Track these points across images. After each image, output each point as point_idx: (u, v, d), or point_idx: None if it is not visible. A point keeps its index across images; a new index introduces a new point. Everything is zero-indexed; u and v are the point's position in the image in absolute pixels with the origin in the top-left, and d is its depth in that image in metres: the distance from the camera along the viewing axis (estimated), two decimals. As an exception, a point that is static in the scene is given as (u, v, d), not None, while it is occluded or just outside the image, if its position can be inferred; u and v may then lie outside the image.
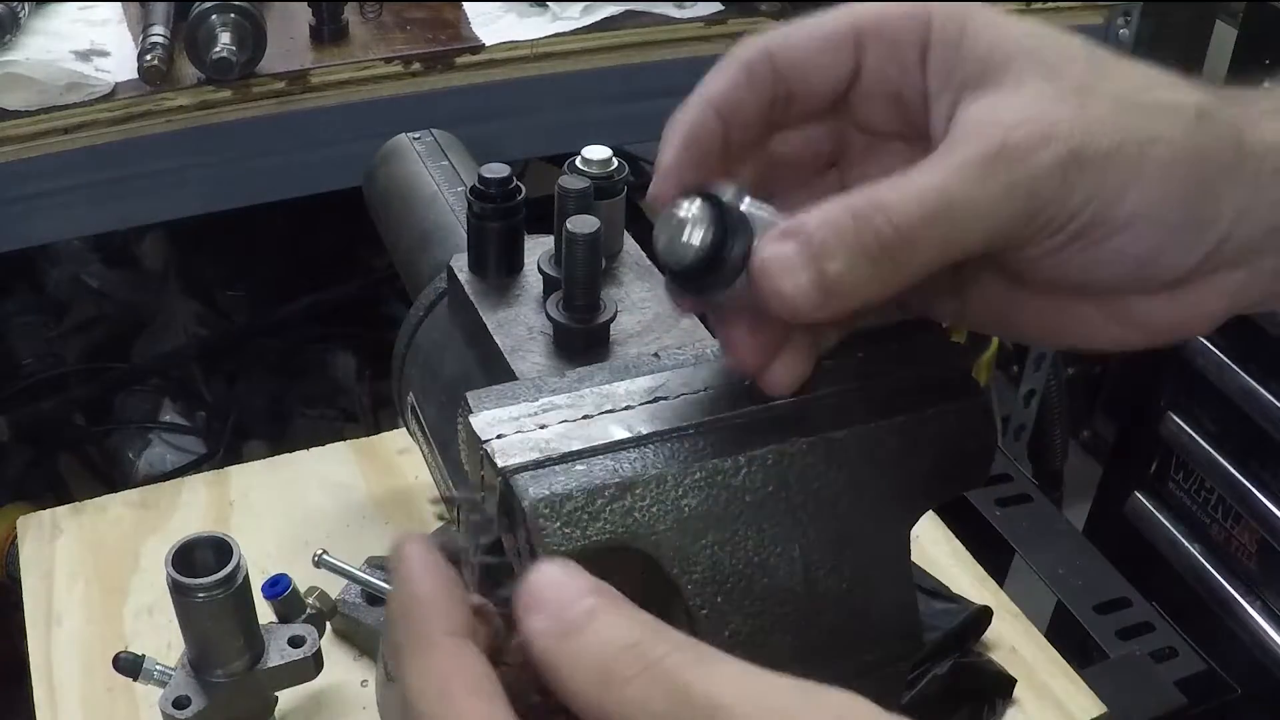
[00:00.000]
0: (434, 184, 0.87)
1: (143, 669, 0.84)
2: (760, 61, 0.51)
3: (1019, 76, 0.47)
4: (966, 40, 0.49)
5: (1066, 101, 0.47)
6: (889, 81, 0.51)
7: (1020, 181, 0.45)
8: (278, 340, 2.10)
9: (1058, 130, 0.46)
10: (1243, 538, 1.61)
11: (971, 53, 0.49)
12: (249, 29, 1.35)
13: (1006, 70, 0.48)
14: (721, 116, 0.51)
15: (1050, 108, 0.46)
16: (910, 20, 0.50)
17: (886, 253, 0.45)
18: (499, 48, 1.49)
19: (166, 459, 1.95)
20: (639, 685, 0.36)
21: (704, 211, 0.47)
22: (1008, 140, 0.45)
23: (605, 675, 0.37)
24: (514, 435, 0.50)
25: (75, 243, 2.08)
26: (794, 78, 0.51)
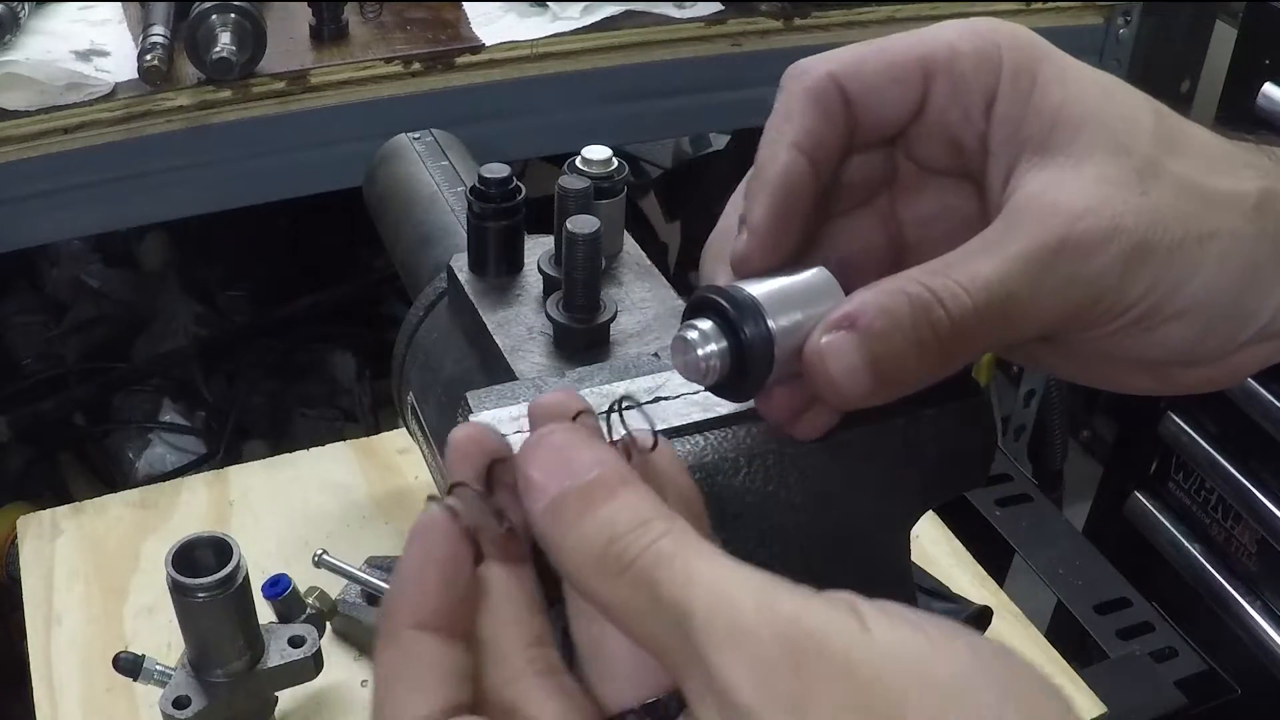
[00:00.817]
0: (434, 184, 0.87)
1: (143, 669, 0.84)
2: (832, 92, 0.48)
3: (1085, 149, 0.46)
4: (1035, 96, 0.48)
5: (1130, 186, 0.46)
6: (951, 125, 0.49)
7: (1082, 277, 0.45)
8: (278, 340, 2.10)
9: (1122, 223, 0.45)
10: (1243, 538, 1.61)
11: (1039, 112, 0.47)
12: (249, 29, 1.35)
13: (1073, 140, 0.47)
14: (812, 160, 0.48)
15: (1114, 193, 0.46)
16: (981, 63, 0.48)
17: (943, 345, 0.44)
18: (499, 48, 1.49)
19: (166, 459, 1.95)
20: (626, 580, 0.37)
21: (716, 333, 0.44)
22: (1070, 234, 0.45)
23: (597, 566, 0.37)
24: (514, 435, 0.50)
25: (75, 243, 2.08)
26: (861, 107, 0.49)
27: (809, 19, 1.59)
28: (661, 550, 0.37)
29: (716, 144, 2.27)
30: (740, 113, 1.67)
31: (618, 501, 0.38)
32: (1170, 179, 0.46)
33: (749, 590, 0.36)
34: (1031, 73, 0.48)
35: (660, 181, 2.29)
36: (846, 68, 0.48)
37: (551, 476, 0.39)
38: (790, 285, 0.46)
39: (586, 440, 0.40)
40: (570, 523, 0.38)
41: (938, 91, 0.49)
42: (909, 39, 0.49)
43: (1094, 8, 1.72)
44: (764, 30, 1.58)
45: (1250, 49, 1.55)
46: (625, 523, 0.38)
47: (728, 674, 0.35)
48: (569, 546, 0.38)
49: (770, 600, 0.36)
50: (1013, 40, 0.49)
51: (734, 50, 1.58)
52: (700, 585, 0.36)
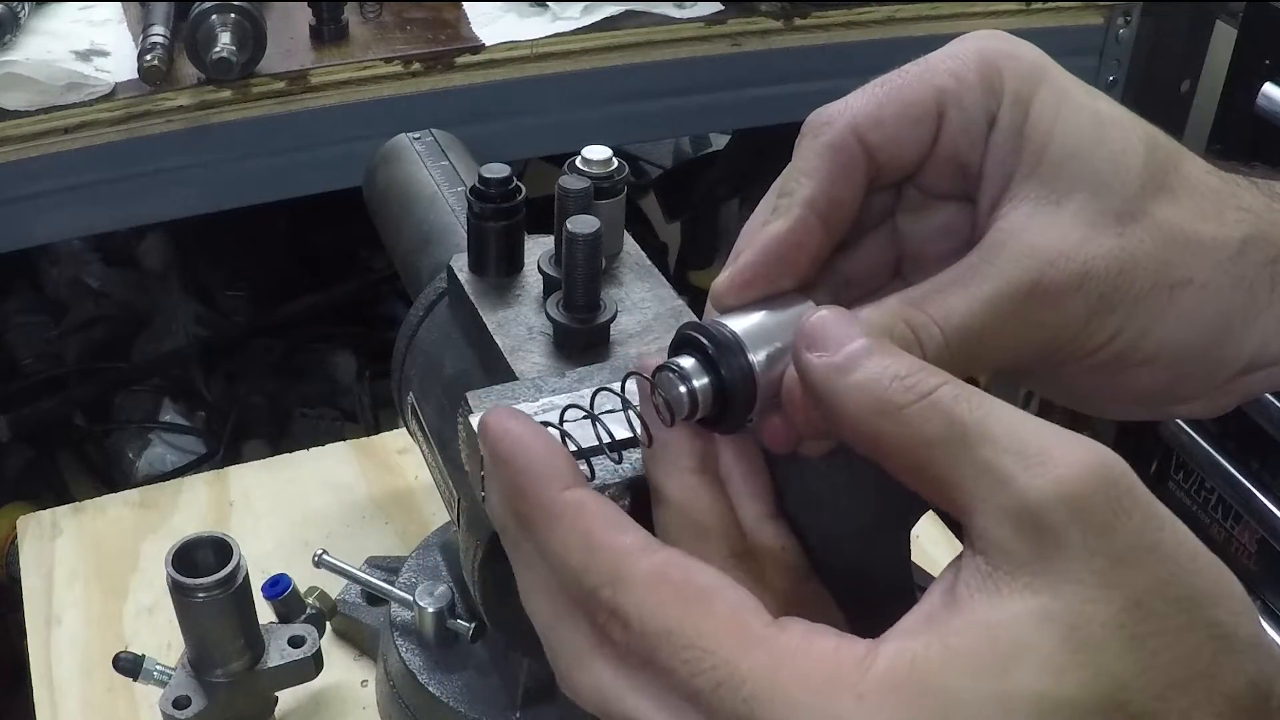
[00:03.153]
0: (434, 184, 0.87)
1: (143, 669, 0.84)
2: (853, 149, 0.48)
3: (1067, 186, 0.47)
4: (1028, 126, 0.48)
5: (1107, 229, 0.46)
6: (959, 155, 0.50)
7: (1048, 322, 0.46)
8: (278, 340, 2.10)
9: (1093, 269, 0.46)
10: (1243, 538, 1.61)
11: (1029, 142, 0.48)
12: (249, 29, 1.35)
13: (1058, 175, 0.47)
14: (822, 217, 0.48)
15: (1089, 235, 0.46)
16: (987, 91, 0.49)
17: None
18: (499, 48, 1.49)
19: (166, 459, 1.95)
20: (914, 413, 0.38)
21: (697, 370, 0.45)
22: (1041, 279, 0.46)
23: (881, 403, 0.38)
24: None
25: (75, 243, 2.08)
26: (882, 155, 0.49)
27: (809, 19, 1.59)
28: (955, 387, 0.38)
29: (716, 144, 2.27)
30: (740, 113, 1.67)
31: (897, 351, 0.40)
32: (1149, 223, 0.47)
33: (1054, 429, 0.37)
34: (1027, 99, 0.48)
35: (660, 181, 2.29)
36: (867, 118, 0.48)
37: (834, 332, 0.40)
38: (774, 319, 0.46)
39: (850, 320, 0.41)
40: (856, 363, 0.39)
41: (949, 123, 0.49)
42: (920, 74, 0.49)
43: (1094, 8, 1.72)
44: (764, 30, 1.58)
45: (1250, 49, 1.55)
46: (910, 364, 0.39)
47: (1039, 493, 0.35)
48: (852, 384, 0.39)
49: (1081, 440, 0.37)
50: (1015, 63, 0.49)
51: (734, 50, 1.58)
52: (1000, 418, 0.37)
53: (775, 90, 1.62)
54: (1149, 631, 0.34)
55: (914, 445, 0.38)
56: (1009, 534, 0.36)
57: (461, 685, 0.81)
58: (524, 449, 0.41)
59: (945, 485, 0.38)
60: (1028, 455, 0.36)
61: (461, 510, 0.68)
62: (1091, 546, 0.35)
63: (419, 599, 0.82)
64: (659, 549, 0.39)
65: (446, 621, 0.82)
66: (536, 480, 0.41)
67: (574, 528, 0.40)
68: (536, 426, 0.43)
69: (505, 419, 0.43)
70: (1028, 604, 0.35)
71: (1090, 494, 0.35)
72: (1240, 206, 0.49)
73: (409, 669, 0.82)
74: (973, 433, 0.37)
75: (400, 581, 0.87)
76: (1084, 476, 0.36)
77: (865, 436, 0.39)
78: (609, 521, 0.40)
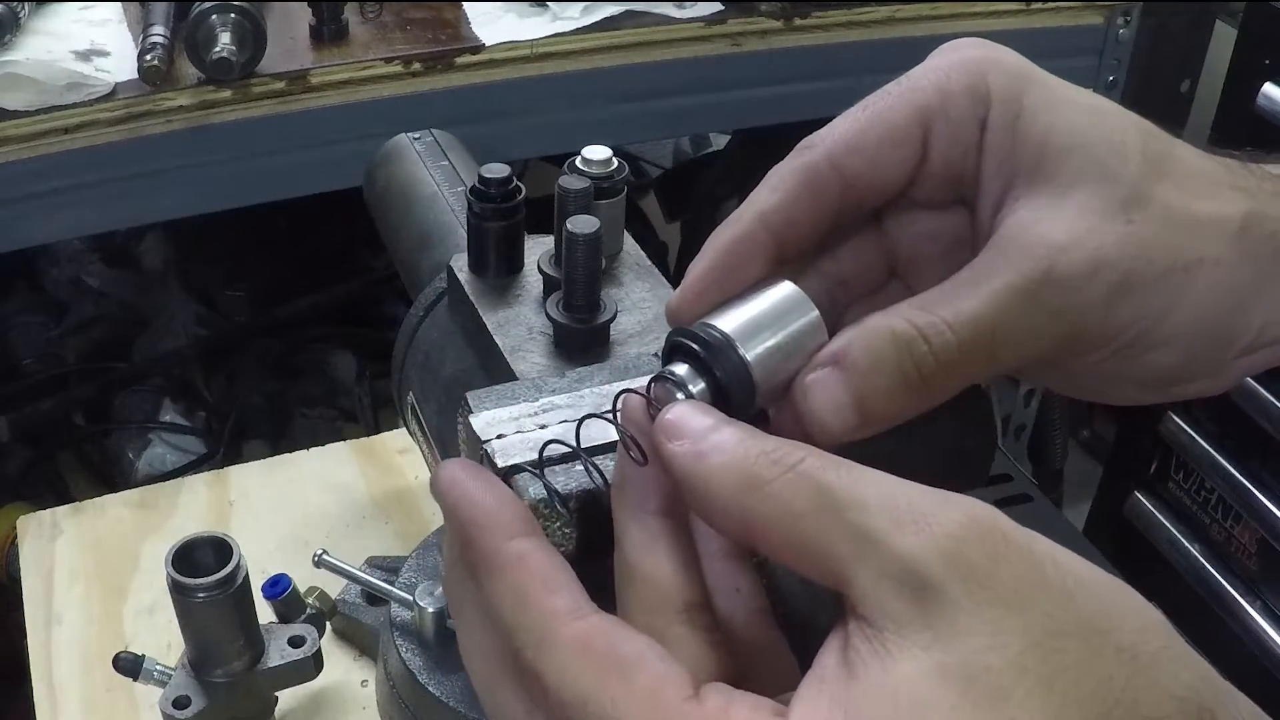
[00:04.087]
0: (434, 184, 0.87)
1: (143, 669, 0.84)
2: (825, 175, 0.49)
3: (1071, 178, 0.47)
4: (1021, 124, 0.48)
5: (1115, 216, 0.46)
6: (952, 165, 0.49)
7: (1066, 311, 0.46)
8: (278, 340, 2.10)
9: (1106, 256, 0.46)
10: (1243, 538, 1.61)
11: (1025, 140, 0.48)
12: (249, 29, 1.35)
13: (1059, 169, 0.47)
14: (772, 232, 0.48)
15: (1099, 224, 0.46)
16: (973, 99, 0.48)
17: (927, 381, 0.45)
18: (499, 48, 1.49)
19: (166, 459, 1.95)
20: (781, 485, 0.38)
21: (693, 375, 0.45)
22: (1054, 268, 0.45)
23: (748, 480, 0.38)
24: (514, 435, 0.50)
25: (75, 243, 2.08)
26: (861, 184, 0.49)
27: (809, 19, 1.59)
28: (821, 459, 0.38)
29: (716, 144, 2.27)
30: (740, 113, 1.67)
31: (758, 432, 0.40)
32: (1156, 206, 0.47)
33: (923, 489, 0.37)
34: (1018, 100, 0.48)
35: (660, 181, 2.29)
36: (847, 145, 0.48)
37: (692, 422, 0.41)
38: (760, 310, 0.46)
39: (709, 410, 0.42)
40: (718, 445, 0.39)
41: (936, 139, 0.49)
42: (902, 94, 0.49)
43: (1094, 8, 1.72)
44: (764, 30, 1.58)
45: (1250, 49, 1.55)
46: (773, 441, 0.39)
47: (913, 552, 0.35)
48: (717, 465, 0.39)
49: (948, 497, 0.36)
50: (998, 68, 0.49)
51: (734, 50, 1.58)
52: (869, 483, 0.37)
53: (775, 90, 1.62)
54: (1053, 670, 0.34)
55: (784, 519, 0.38)
56: (890, 596, 0.35)
57: (461, 685, 0.81)
58: (470, 500, 0.41)
59: (821, 556, 0.37)
60: (899, 516, 0.36)
61: (461, 510, 0.67)
62: (976, 597, 0.34)
63: (419, 599, 0.82)
64: (589, 614, 0.39)
65: (446, 621, 0.82)
66: (481, 531, 0.41)
67: (510, 582, 0.39)
68: (488, 478, 0.42)
69: (456, 469, 0.42)
70: (921, 662, 0.34)
71: (966, 545, 0.35)
72: (1235, 186, 0.49)
73: (409, 669, 0.82)
74: (843, 499, 0.37)
75: (400, 581, 0.87)
76: (956, 531, 0.35)
77: (735, 518, 0.39)
78: (545, 580, 0.39)
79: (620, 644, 0.38)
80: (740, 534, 0.39)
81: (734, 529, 0.39)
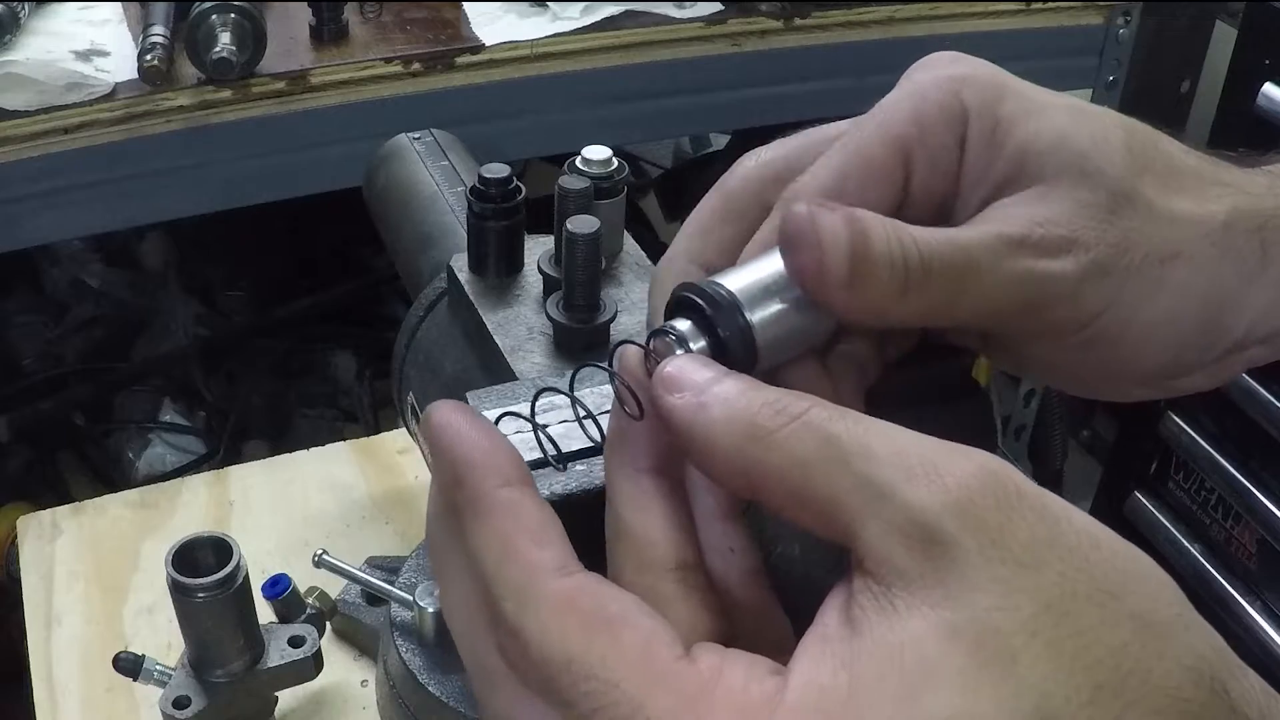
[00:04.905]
0: (434, 184, 0.87)
1: (143, 669, 0.84)
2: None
3: (1052, 179, 0.46)
4: (999, 135, 0.47)
5: (1098, 210, 0.46)
6: (935, 190, 0.49)
7: (1035, 273, 0.45)
8: (278, 340, 2.10)
9: (1081, 238, 0.45)
10: (1243, 538, 1.61)
11: (1003, 149, 0.47)
12: (249, 29, 1.35)
13: (1040, 172, 0.47)
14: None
15: (1080, 212, 0.46)
16: (949, 122, 0.48)
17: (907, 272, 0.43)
18: (499, 48, 1.49)
19: (166, 459, 1.95)
20: (787, 434, 0.37)
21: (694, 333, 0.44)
22: (1031, 234, 0.45)
23: (751, 429, 0.37)
24: (514, 435, 0.50)
25: (75, 243, 2.08)
26: None
27: (809, 19, 1.59)
28: (826, 408, 0.37)
29: (716, 144, 2.27)
30: (740, 113, 1.67)
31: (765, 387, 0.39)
32: (1138, 201, 0.47)
33: (932, 440, 0.36)
34: (993, 112, 0.48)
35: (660, 181, 2.30)
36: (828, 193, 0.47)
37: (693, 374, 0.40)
38: (769, 273, 0.45)
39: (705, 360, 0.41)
40: (721, 397, 0.38)
41: (917, 169, 0.48)
42: (877, 127, 0.48)
43: (1094, 8, 1.72)
44: (764, 30, 1.58)
45: (1250, 49, 1.55)
46: (777, 391, 0.38)
47: (924, 503, 0.34)
48: (719, 416, 0.38)
49: (959, 449, 0.35)
50: (972, 83, 0.48)
51: (734, 50, 1.58)
52: (877, 433, 0.36)
53: (775, 90, 1.62)
54: (1065, 634, 0.33)
55: (789, 468, 0.36)
56: (899, 550, 0.34)
57: (461, 685, 0.81)
58: (466, 439, 0.39)
59: (826, 507, 0.36)
60: (910, 467, 0.35)
61: (461, 510, 0.67)
62: (988, 554, 0.33)
63: (419, 599, 0.82)
64: (575, 572, 0.37)
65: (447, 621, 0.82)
66: (473, 471, 0.39)
67: (496, 529, 0.38)
68: (484, 422, 0.41)
69: (450, 410, 0.40)
70: (929, 620, 0.33)
71: (979, 500, 0.34)
72: (1220, 182, 0.49)
73: (409, 669, 0.82)
74: (850, 449, 0.36)
75: (400, 581, 0.87)
76: (969, 483, 0.34)
77: (739, 470, 0.38)
78: (533, 532, 0.38)
79: (608, 602, 0.36)
80: (744, 487, 0.38)
81: (737, 482, 0.38)
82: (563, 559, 0.37)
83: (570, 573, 0.37)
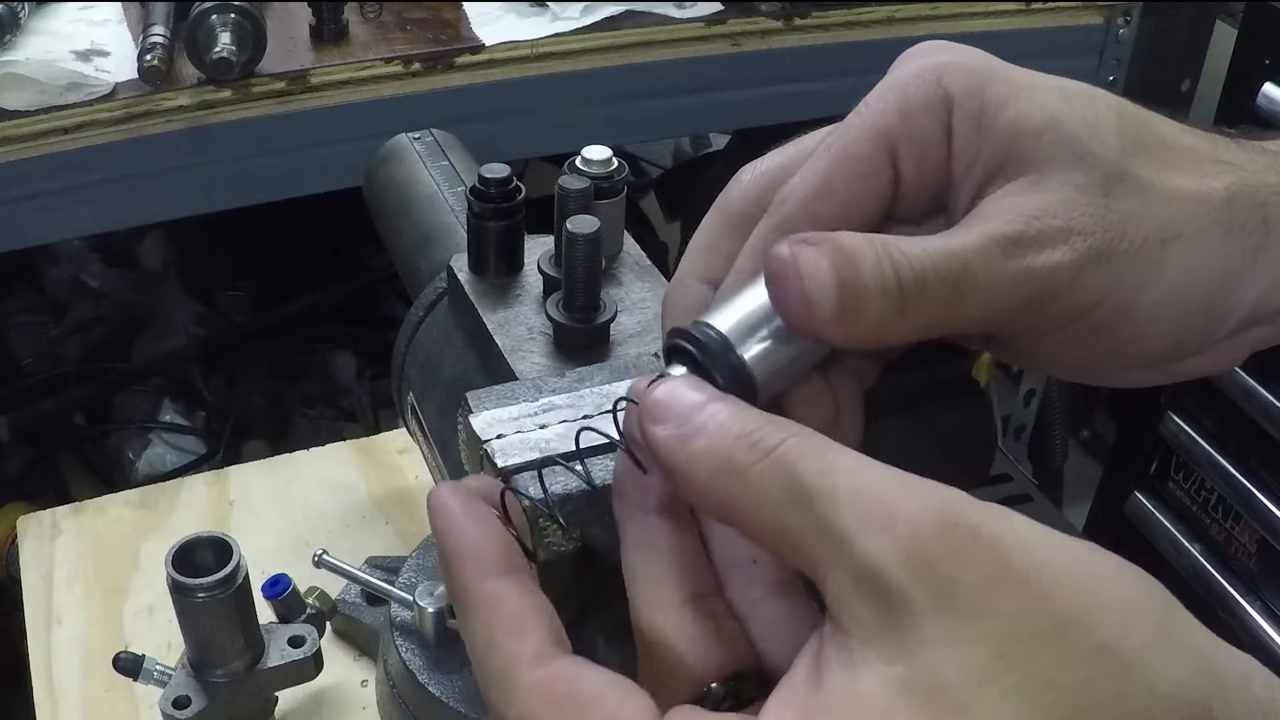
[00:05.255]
0: (434, 184, 0.87)
1: (143, 669, 0.84)
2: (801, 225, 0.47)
3: (1044, 162, 0.46)
4: (986, 120, 0.46)
5: (1093, 193, 0.45)
6: (925, 181, 0.48)
7: (1034, 270, 0.44)
8: (278, 340, 2.10)
9: (1078, 226, 0.44)
10: (1243, 538, 1.61)
11: (991, 133, 0.46)
12: (249, 29, 1.35)
13: (1033, 156, 0.46)
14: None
15: (1074, 199, 0.45)
16: (934, 111, 0.47)
17: (904, 292, 0.43)
18: (499, 48, 1.49)
19: (166, 459, 1.95)
20: (757, 473, 0.37)
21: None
22: (1026, 230, 0.44)
23: (725, 465, 0.38)
24: (514, 435, 0.50)
25: (75, 243, 2.08)
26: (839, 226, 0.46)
27: (809, 19, 1.59)
28: (798, 442, 0.37)
29: (716, 144, 2.27)
30: (740, 113, 1.67)
31: (744, 410, 0.39)
32: (1134, 182, 0.46)
33: (893, 478, 0.36)
34: (978, 97, 0.47)
35: (660, 181, 2.30)
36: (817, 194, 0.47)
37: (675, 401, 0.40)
38: (754, 303, 0.45)
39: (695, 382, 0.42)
40: (699, 428, 0.39)
41: (904, 162, 0.47)
42: (863, 123, 0.47)
43: (1094, 8, 1.72)
44: (764, 30, 1.58)
45: (1250, 49, 1.55)
46: (755, 421, 0.38)
47: (877, 556, 0.34)
48: (697, 449, 0.39)
49: (917, 487, 0.35)
50: (955, 70, 0.47)
51: (734, 50, 1.58)
52: (841, 472, 0.36)
53: (775, 90, 1.62)
54: (1019, 678, 0.32)
55: (760, 507, 0.37)
56: (857, 601, 0.35)
57: (461, 685, 0.81)
58: (453, 531, 0.41)
59: (796, 549, 0.37)
60: (866, 513, 0.35)
61: (461, 510, 0.68)
62: (940, 604, 0.33)
63: (419, 599, 0.82)
64: (553, 659, 0.39)
65: (446, 621, 0.82)
66: (460, 563, 0.41)
67: (480, 621, 0.40)
68: (476, 507, 0.42)
69: (446, 495, 0.42)
70: (883, 675, 0.34)
71: (929, 547, 0.34)
72: (1219, 160, 0.48)
73: (409, 669, 0.82)
74: (814, 491, 0.36)
75: (400, 581, 0.88)
76: (922, 529, 0.34)
77: (716, 503, 0.39)
78: (513, 623, 0.39)
79: (580, 685, 0.38)
80: (724, 519, 0.39)
81: (718, 514, 0.39)
82: (539, 648, 0.39)
83: (548, 660, 0.39)
